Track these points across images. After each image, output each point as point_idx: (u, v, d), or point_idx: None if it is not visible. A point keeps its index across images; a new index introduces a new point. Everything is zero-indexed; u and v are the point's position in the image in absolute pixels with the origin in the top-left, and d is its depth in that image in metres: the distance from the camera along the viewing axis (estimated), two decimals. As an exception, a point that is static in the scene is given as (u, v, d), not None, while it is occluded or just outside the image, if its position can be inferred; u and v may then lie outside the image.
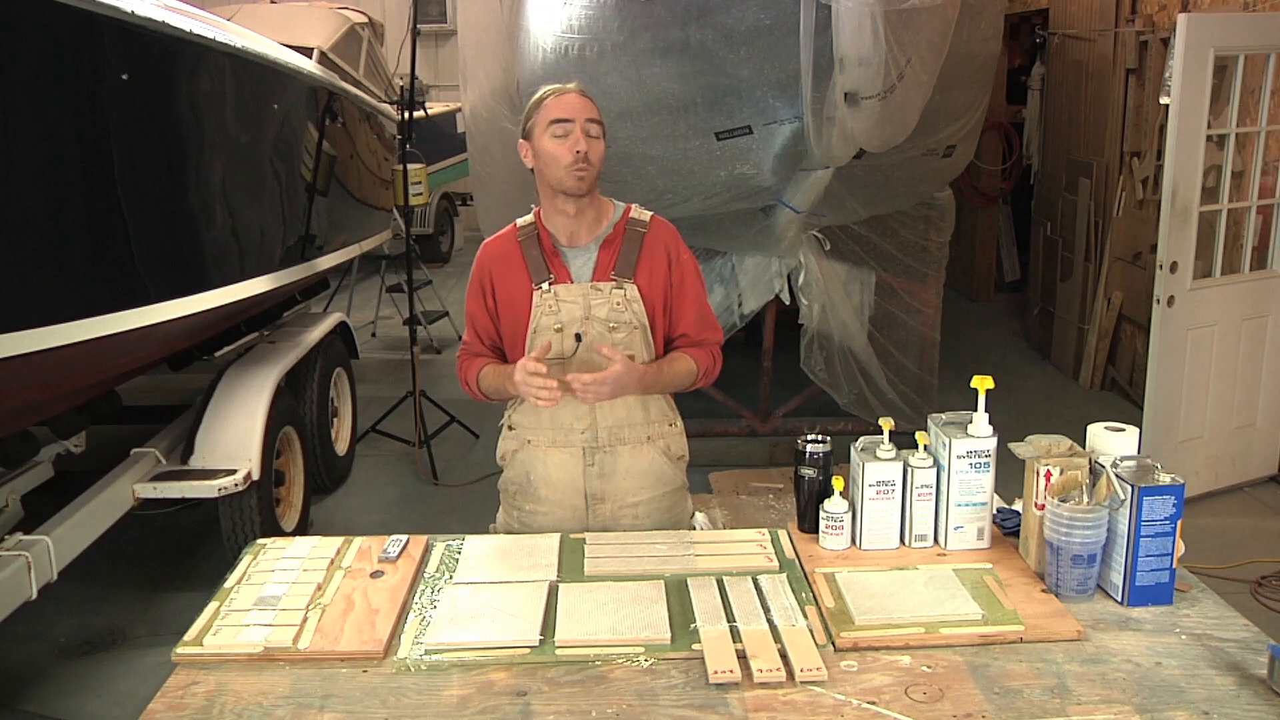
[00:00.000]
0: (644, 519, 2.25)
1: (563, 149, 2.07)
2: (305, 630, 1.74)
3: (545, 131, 2.08)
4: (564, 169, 2.07)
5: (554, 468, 2.23)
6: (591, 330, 2.14)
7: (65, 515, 3.15)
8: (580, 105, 2.09)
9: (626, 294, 2.15)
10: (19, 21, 2.51)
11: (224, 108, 3.65)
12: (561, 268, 2.17)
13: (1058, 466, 1.85)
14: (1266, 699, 1.53)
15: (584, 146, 2.06)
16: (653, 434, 2.24)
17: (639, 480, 2.24)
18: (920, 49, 3.26)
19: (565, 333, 2.14)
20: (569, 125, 2.07)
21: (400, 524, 2.25)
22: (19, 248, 2.64)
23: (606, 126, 2.15)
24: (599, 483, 2.22)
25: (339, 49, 6.42)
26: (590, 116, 2.09)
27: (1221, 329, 4.45)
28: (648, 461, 2.24)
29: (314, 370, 4.63)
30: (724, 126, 3.62)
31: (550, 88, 2.14)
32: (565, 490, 2.23)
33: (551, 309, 2.14)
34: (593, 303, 2.14)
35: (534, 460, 2.24)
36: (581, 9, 3.58)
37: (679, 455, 2.30)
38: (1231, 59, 4.23)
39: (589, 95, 2.14)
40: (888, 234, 4.86)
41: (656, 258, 2.18)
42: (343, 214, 5.23)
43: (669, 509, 2.30)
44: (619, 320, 2.14)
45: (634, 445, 2.22)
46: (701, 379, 2.25)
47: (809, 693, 1.55)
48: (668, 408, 2.27)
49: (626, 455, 2.22)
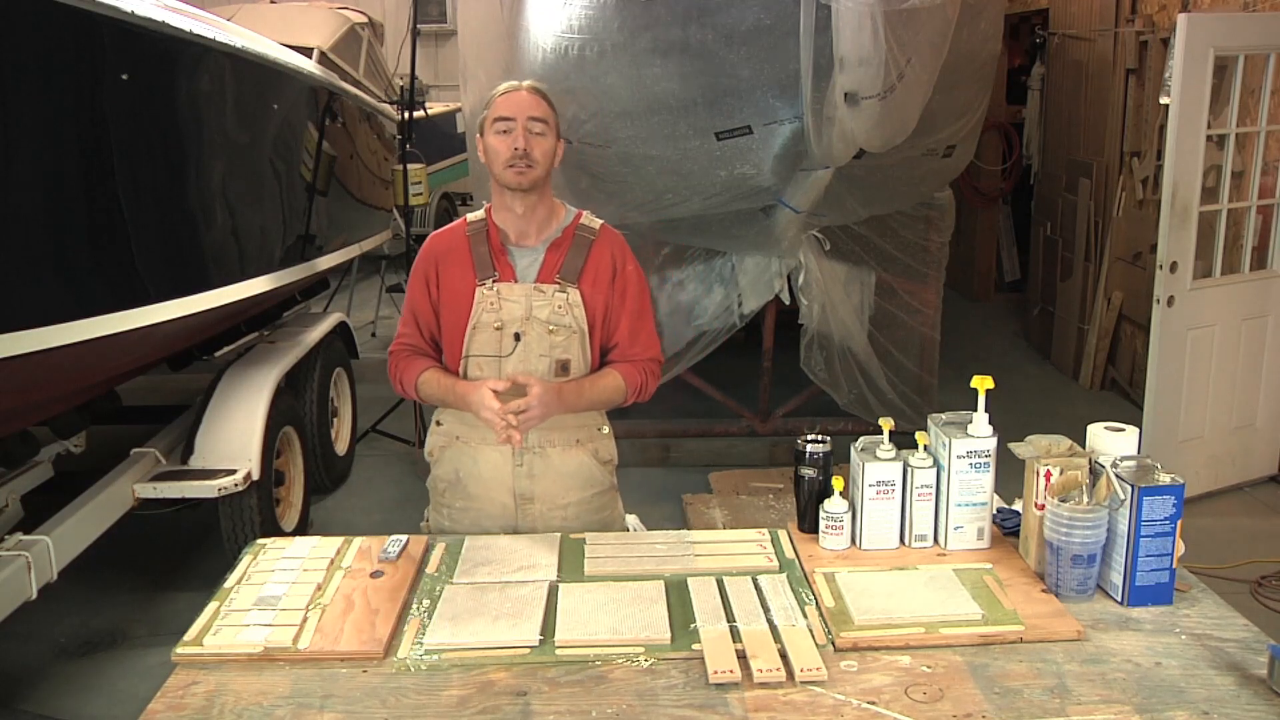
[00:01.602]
0: (573, 520, 2.26)
1: (504, 145, 2.11)
2: (305, 630, 1.74)
3: (491, 128, 2.14)
4: (503, 165, 2.11)
5: (484, 465, 2.24)
6: (531, 331, 2.15)
7: (65, 515, 3.15)
8: (526, 103, 2.12)
9: (569, 298, 2.16)
10: (19, 21, 2.51)
11: (224, 108, 3.64)
12: (507, 265, 2.18)
13: (1058, 466, 1.85)
14: (1266, 699, 1.53)
15: (523, 144, 2.09)
16: (581, 437, 2.25)
17: (568, 482, 2.25)
18: (920, 49, 3.26)
19: (505, 331, 2.15)
20: (511, 123, 2.11)
21: (400, 524, 2.25)
22: (19, 248, 2.64)
23: (605, 126, 2.17)
24: (528, 483, 2.23)
25: (339, 49, 6.42)
26: (534, 114, 2.12)
27: (1221, 329, 4.45)
28: (576, 464, 2.25)
29: (314, 370, 4.63)
30: (724, 126, 3.62)
31: (504, 85, 2.18)
32: (495, 488, 2.24)
33: (493, 306, 2.15)
34: (534, 303, 2.15)
35: (463, 457, 2.26)
36: (581, 9, 3.58)
37: (607, 459, 2.32)
38: (1231, 59, 4.23)
39: (542, 94, 2.17)
40: (888, 234, 4.86)
41: (602, 266, 2.19)
42: (342, 214, 5.23)
43: (598, 510, 2.31)
44: (559, 323, 2.15)
45: (563, 448, 2.23)
46: (632, 396, 2.23)
47: (809, 693, 1.55)
48: (597, 414, 2.28)
49: (555, 457, 2.23)
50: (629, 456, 5.00)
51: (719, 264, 4.75)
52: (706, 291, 4.80)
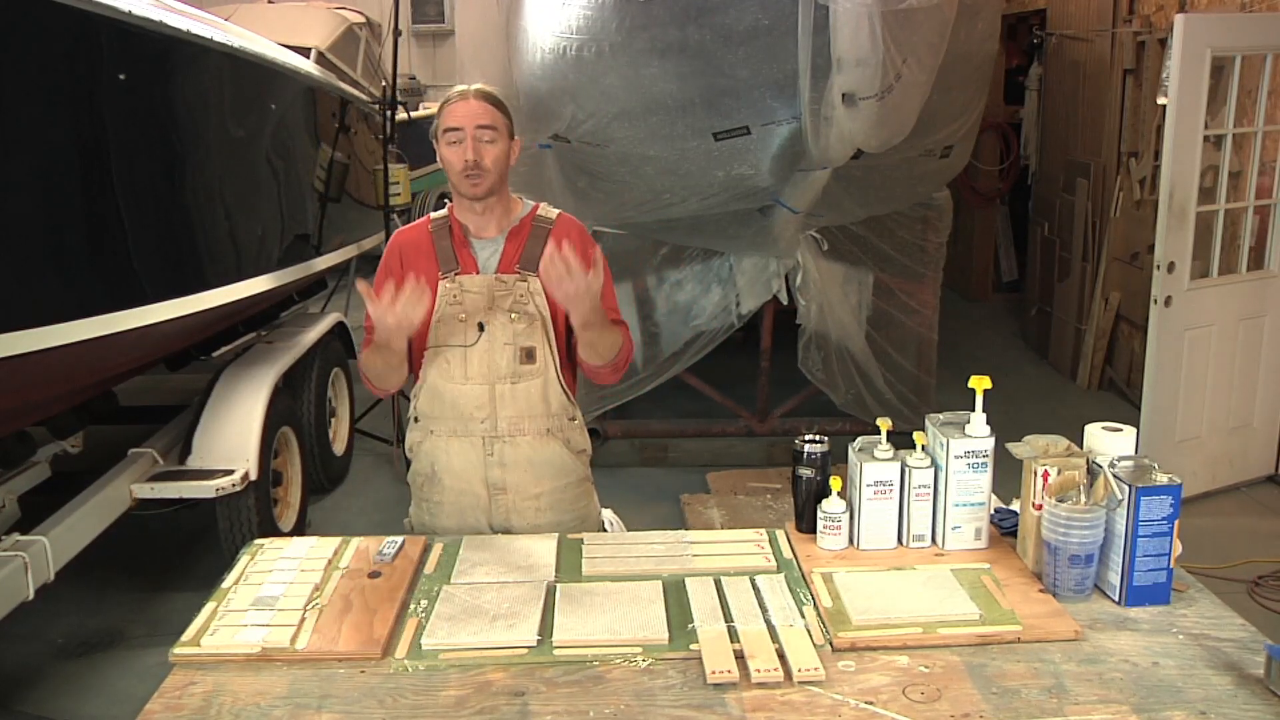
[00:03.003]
0: (546, 511, 2.28)
1: (455, 156, 2.15)
2: (303, 631, 1.73)
3: (442, 138, 2.18)
4: (457, 175, 2.16)
5: (455, 457, 2.25)
6: (494, 321, 2.19)
7: (62, 516, 3.14)
8: (474, 112, 2.15)
9: (530, 286, 2.19)
10: (17, 21, 2.51)
11: (221, 108, 3.64)
12: (470, 258, 2.23)
13: (1055, 466, 1.85)
14: (1264, 699, 1.53)
15: (472, 155, 2.13)
16: (552, 426, 2.26)
17: (540, 471, 2.26)
18: (918, 49, 3.26)
19: (469, 322, 2.19)
20: (460, 133, 2.14)
21: (398, 524, 2.25)
22: (17, 248, 2.63)
23: (603, 126, 2.18)
24: (499, 472, 2.25)
25: (337, 49, 6.42)
26: (481, 123, 2.14)
27: (1219, 329, 4.46)
28: (548, 453, 2.26)
29: (312, 370, 4.63)
30: (722, 127, 3.62)
31: (455, 91, 2.20)
32: (468, 479, 2.26)
33: (456, 298, 2.19)
34: (496, 294, 2.19)
35: (437, 450, 2.27)
36: (580, 9, 3.58)
37: (580, 449, 2.33)
38: (1228, 59, 4.23)
39: (491, 98, 2.19)
40: (885, 234, 4.87)
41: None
42: (340, 214, 5.22)
43: (572, 502, 2.32)
44: (521, 311, 2.19)
45: (534, 436, 2.25)
46: (624, 354, 2.25)
47: (807, 693, 1.55)
48: (568, 402, 2.29)
49: (526, 446, 2.25)
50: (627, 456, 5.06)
51: (717, 264, 4.75)
52: (704, 291, 4.80)
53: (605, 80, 3.62)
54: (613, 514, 2.45)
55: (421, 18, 11.45)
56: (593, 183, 4.09)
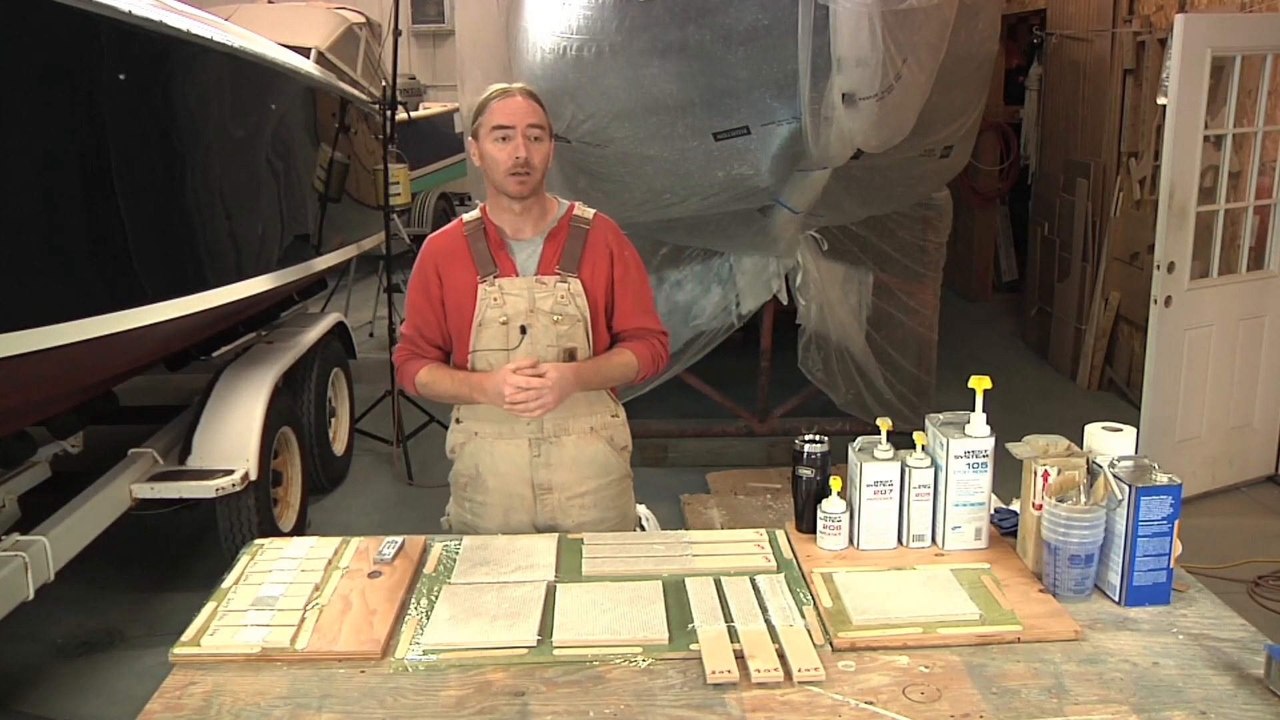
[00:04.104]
0: (590, 509, 2.29)
1: (503, 154, 2.13)
2: (303, 630, 1.73)
3: (488, 135, 2.15)
4: (503, 173, 2.14)
5: (500, 459, 2.26)
6: (536, 323, 2.18)
7: (62, 516, 3.14)
8: (524, 110, 2.14)
9: (570, 288, 2.19)
10: (17, 21, 2.51)
11: (221, 108, 3.64)
12: (507, 260, 2.21)
13: (1055, 466, 1.85)
14: (1264, 698, 1.53)
15: (524, 153, 2.12)
16: (596, 425, 2.28)
17: (584, 470, 2.27)
18: (918, 49, 3.26)
19: (510, 325, 2.18)
20: (510, 131, 2.12)
21: (397, 524, 2.25)
22: (17, 248, 2.63)
23: (603, 126, 2.18)
24: (545, 473, 2.26)
25: (337, 49, 6.42)
26: (532, 121, 2.14)
27: (1219, 329, 4.46)
28: (592, 451, 2.28)
29: (312, 370, 4.63)
30: (722, 127, 3.62)
31: (496, 88, 2.18)
32: (512, 481, 2.27)
33: (496, 301, 2.18)
34: (537, 296, 2.18)
35: (481, 452, 2.28)
36: (580, 10, 3.58)
37: (623, 445, 2.35)
38: (1228, 59, 4.23)
39: (535, 98, 2.18)
40: (885, 234, 4.87)
41: (599, 253, 2.23)
42: (340, 214, 5.23)
43: (614, 499, 2.33)
44: (563, 313, 2.19)
45: (578, 435, 2.26)
46: (644, 370, 2.28)
47: (807, 693, 1.55)
48: (610, 399, 2.31)
49: (571, 445, 2.26)
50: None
51: (717, 264, 4.75)
52: (704, 291, 4.80)
53: (605, 80, 3.62)
54: (647, 510, 2.46)
55: (421, 18, 11.46)
56: (593, 183, 4.08)
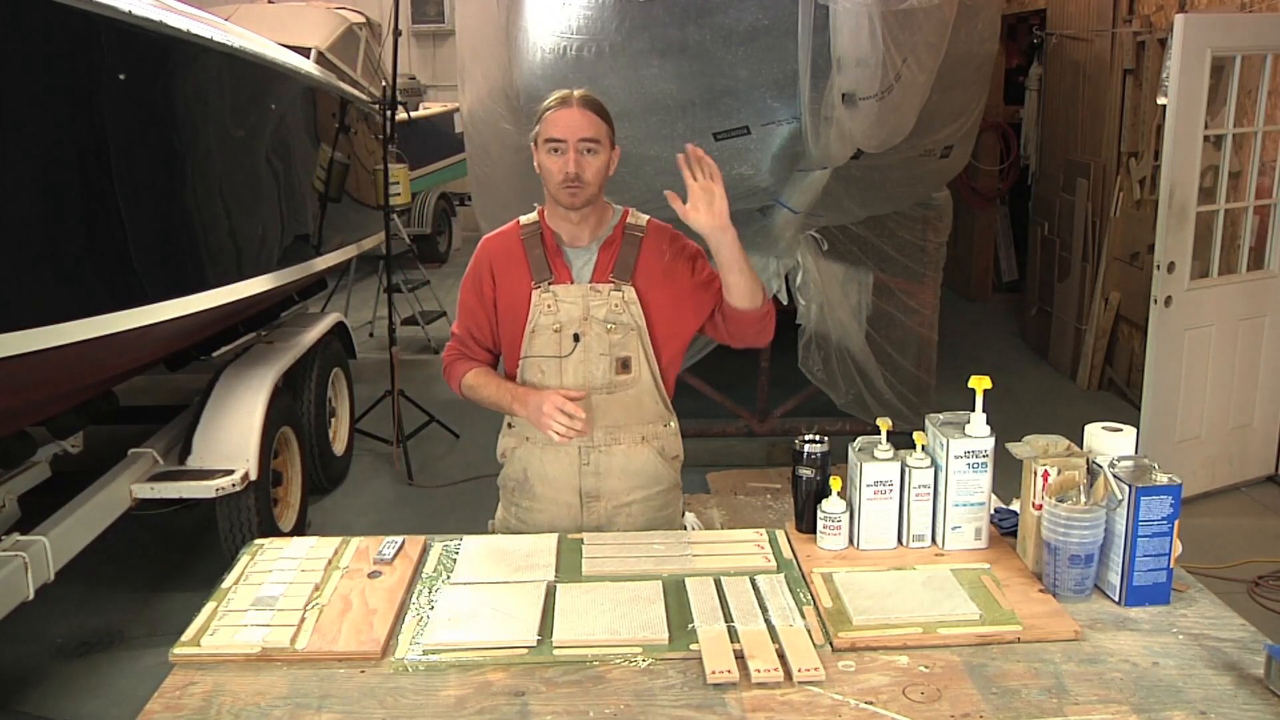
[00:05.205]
0: (637, 517, 2.27)
1: (555, 166, 2.09)
2: (303, 630, 1.73)
3: (543, 145, 2.11)
4: (556, 185, 2.10)
5: (550, 465, 2.25)
6: (590, 331, 2.16)
7: (62, 516, 3.14)
8: (578, 123, 2.08)
9: (625, 296, 2.17)
10: (17, 21, 2.51)
11: (221, 108, 3.64)
12: (563, 267, 2.19)
13: (1055, 466, 1.85)
14: (1263, 698, 1.53)
15: (574, 169, 2.07)
16: (647, 434, 2.25)
17: (633, 480, 2.25)
18: (917, 49, 3.26)
19: (563, 333, 2.16)
20: (562, 144, 2.08)
21: (398, 524, 2.25)
22: (17, 248, 2.63)
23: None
24: (594, 481, 2.24)
25: (337, 49, 6.42)
26: (585, 135, 2.08)
27: (1219, 329, 4.46)
28: (642, 461, 2.25)
29: (312, 370, 4.63)
30: (722, 127, 3.62)
31: (556, 98, 2.12)
32: (561, 488, 2.25)
33: (550, 308, 2.16)
34: (591, 304, 2.16)
35: (531, 458, 2.27)
36: (580, 9, 3.58)
37: (673, 455, 2.31)
38: (1228, 59, 4.23)
39: (595, 105, 2.12)
40: (885, 234, 4.86)
41: (654, 261, 2.20)
42: (340, 214, 5.23)
43: (661, 508, 2.31)
44: (617, 321, 2.16)
45: (629, 445, 2.23)
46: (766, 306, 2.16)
47: (807, 693, 1.55)
48: (664, 409, 2.28)
49: (621, 455, 2.23)
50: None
51: (716, 264, 4.74)
52: (704, 291, 4.79)
53: (605, 80, 3.61)
54: (694, 516, 2.44)
55: (421, 18, 11.46)
56: (592, 183, 4.08)
